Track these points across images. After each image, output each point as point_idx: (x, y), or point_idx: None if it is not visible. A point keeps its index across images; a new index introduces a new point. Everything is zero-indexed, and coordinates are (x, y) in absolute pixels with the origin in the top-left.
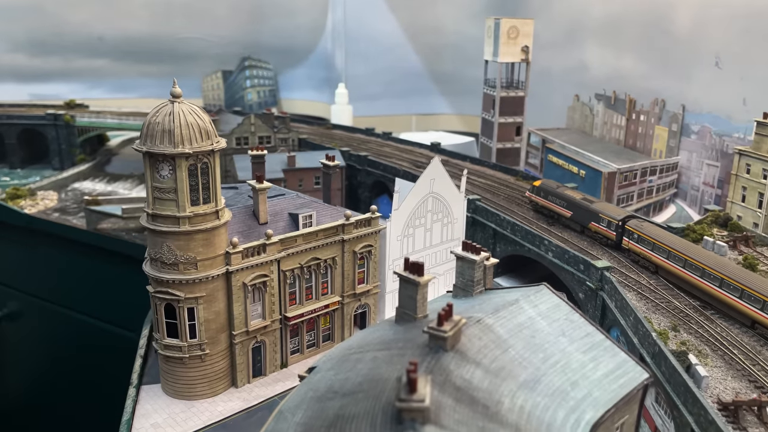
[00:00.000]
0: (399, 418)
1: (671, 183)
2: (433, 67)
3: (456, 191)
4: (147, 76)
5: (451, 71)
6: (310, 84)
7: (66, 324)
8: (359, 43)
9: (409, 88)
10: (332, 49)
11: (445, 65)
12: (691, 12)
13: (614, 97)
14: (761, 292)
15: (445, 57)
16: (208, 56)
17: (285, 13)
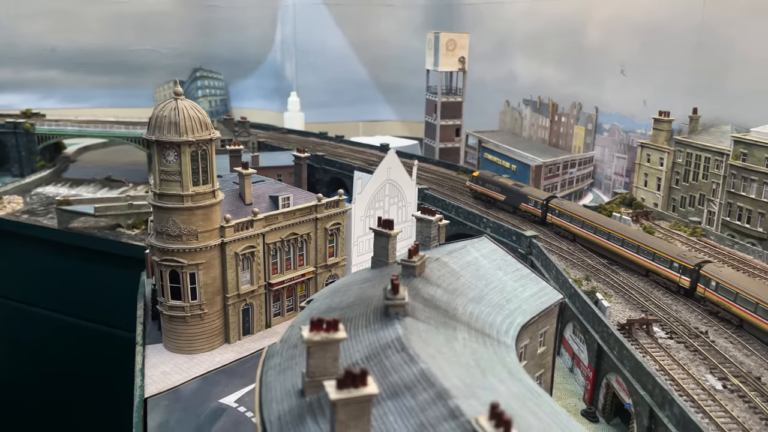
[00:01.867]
0: (386, 312)
1: (588, 174)
2: (378, 77)
3: (409, 179)
4: (99, 87)
5: (395, 81)
6: (260, 93)
7: (40, 323)
8: (309, 55)
9: (357, 97)
10: (282, 60)
11: (389, 75)
12: (600, 27)
13: (539, 102)
14: (653, 247)
15: (389, 68)
16: (160, 67)
17: (235, 27)
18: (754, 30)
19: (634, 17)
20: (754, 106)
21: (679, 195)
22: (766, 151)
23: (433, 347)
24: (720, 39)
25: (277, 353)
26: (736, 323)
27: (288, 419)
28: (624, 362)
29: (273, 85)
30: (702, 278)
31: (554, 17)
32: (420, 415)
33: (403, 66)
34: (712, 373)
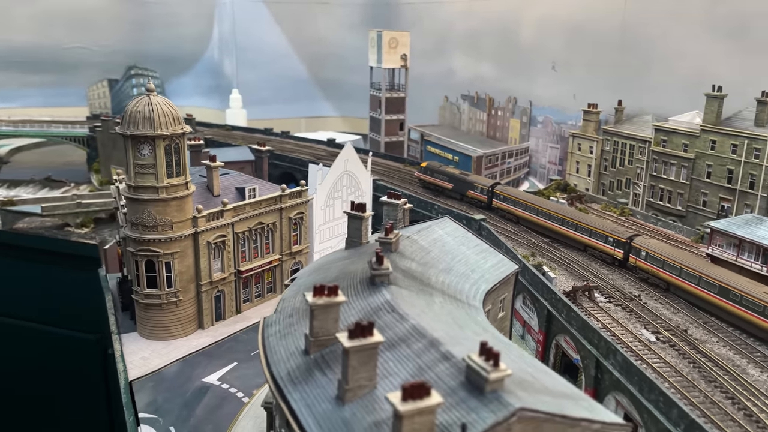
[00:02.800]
0: (372, 281)
1: (524, 164)
2: (318, 74)
3: (364, 170)
4: (29, 86)
5: (334, 78)
6: (198, 91)
7: None
8: (248, 52)
9: (298, 94)
10: (220, 58)
11: (328, 72)
12: (533, 26)
13: (476, 97)
14: (590, 225)
15: (329, 65)
16: (93, 65)
17: (170, 24)
18: (671, 29)
19: (563, 17)
20: (672, 98)
21: (607, 180)
22: (684, 137)
23: (417, 308)
24: (640, 37)
25: (274, 322)
26: (664, 287)
27: (297, 374)
28: (572, 323)
29: (211, 82)
30: (633, 249)
31: (490, 17)
32: (417, 359)
33: (342, 63)
34: (646, 328)
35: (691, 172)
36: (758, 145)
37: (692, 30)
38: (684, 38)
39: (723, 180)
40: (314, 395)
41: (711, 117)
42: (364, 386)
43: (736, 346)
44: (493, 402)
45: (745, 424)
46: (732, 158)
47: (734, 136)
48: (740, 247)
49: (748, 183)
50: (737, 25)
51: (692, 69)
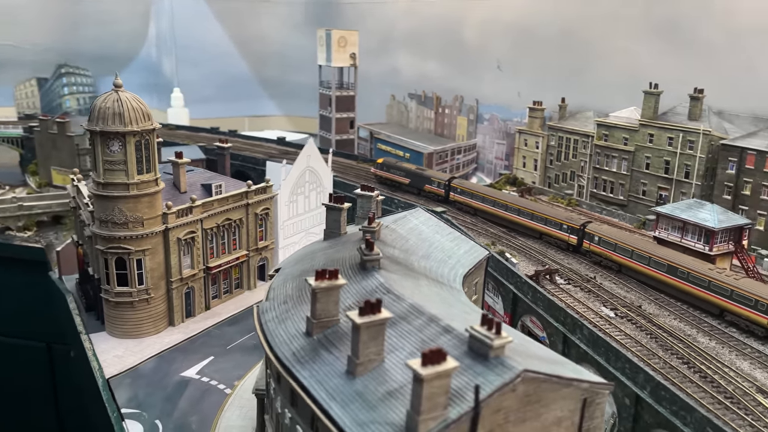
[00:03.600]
0: (364, 267)
1: (472, 159)
2: (261, 72)
3: (325, 166)
4: None
5: (278, 76)
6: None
7: None
8: (189, 50)
9: (240, 92)
10: (158, 56)
11: (272, 71)
12: (478, 27)
13: (424, 96)
14: (545, 214)
15: (272, 63)
16: (21, 64)
17: (104, 22)
18: (610, 31)
19: (508, 19)
20: (610, 95)
21: (553, 173)
22: (624, 132)
23: (409, 290)
24: (582, 38)
25: (269, 309)
26: (616, 268)
27: (302, 354)
28: (538, 303)
29: (149, 81)
30: (586, 235)
31: (433, 17)
32: (419, 334)
33: (285, 62)
34: (605, 306)
35: (631, 164)
36: (692, 137)
37: (629, 31)
38: (622, 39)
39: (661, 170)
40: (323, 372)
41: (648, 112)
42: (373, 360)
43: (686, 318)
44: (498, 366)
45: (702, 384)
46: (668, 150)
47: (670, 130)
48: (684, 229)
49: (684, 173)
50: (671, 27)
51: (629, 68)
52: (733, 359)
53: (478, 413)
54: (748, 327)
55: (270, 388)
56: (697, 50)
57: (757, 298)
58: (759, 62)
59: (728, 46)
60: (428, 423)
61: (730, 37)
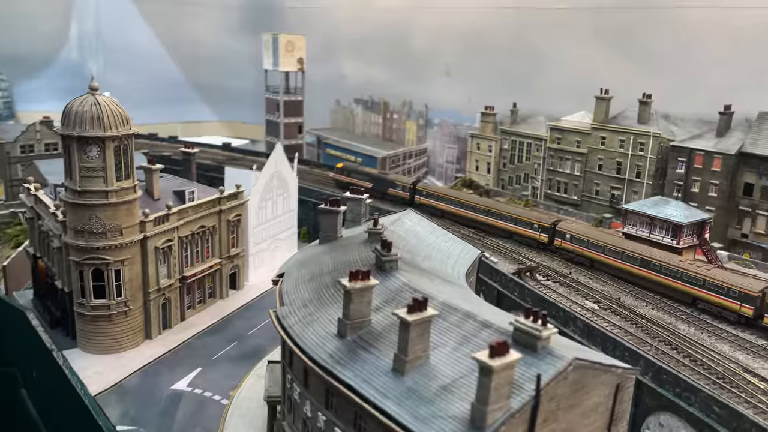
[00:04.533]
0: (382, 267)
1: (423, 163)
2: (195, 77)
3: (291, 171)
4: None
5: (213, 81)
6: (55, 95)
7: None
8: (117, 53)
9: (173, 97)
10: (82, 58)
11: (205, 75)
12: (426, 34)
13: (371, 101)
14: (515, 214)
15: (206, 68)
16: None
17: (17, 21)
18: (559, 39)
19: (457, 26)
20: (560, 100)
21: (507, 175)
22: (576, 135)
23: (433, 288)
24: (531, 45)
25: (289, 313)
26: (588, 264)
27: (340, 356)
28: (526, 299)
29: (72, 85)
30: (558, 233)
31: (380, 24)
32: (458, 330)
33: (221, 66)
34: (587, 299)
35: (584, 166)
36: (643, 139)
37: (578, 39)
38: (570, 47)
39: (613, 171)
40: (367, 371)
41: (600, 116)
42: (420, 357)
43: (663, 307)
44: (547, 356)
45: (694, 367)
46: (620, 152)
47: (621, 133)
48: (652, 225)
49: (635, 173)
50: (618, 36)
51: (578, 74)
52: (714, 343)
53: (538, 402)
54: (720, 313)
55: (291, 393)
56: (643, 57)
57: (729, 286)
58: (702, 69)
59: (673, 54)
60: (495, 413)
61: (675, 45)
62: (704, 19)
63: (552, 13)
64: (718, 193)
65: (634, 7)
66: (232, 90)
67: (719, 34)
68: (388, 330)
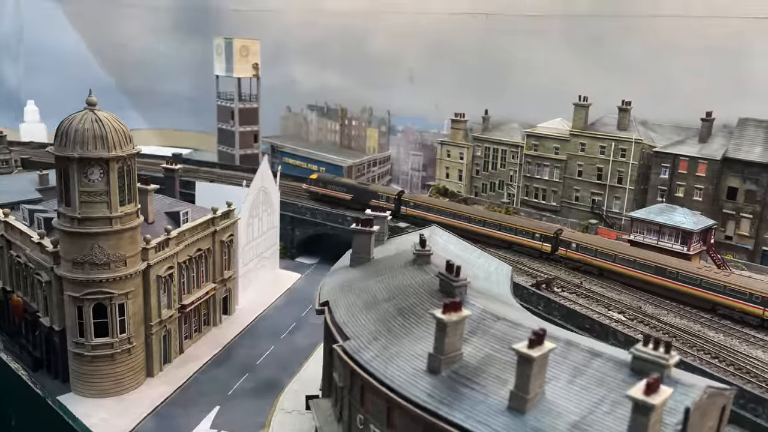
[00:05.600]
0: (450, 293)
1: (387, 171)
2: (124, 82)
3: (274, 185)
4: None
5: (145, 87)
6: None
7: None
8: (37, 56)
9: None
10: None
11: (135, 80)
12: (386, 38)
13: (326, 107)
14: (514, 224)
15: (135, 72)
16: None
17: None
18: (530, 45)
19: (421, 31)
20: (532, 107)
21: (480, 182)
22: (554, 142)
23: (506, 313)
24: (500, 52)
25: (361, 348)
26: (597, 272)
27: (440, 394)
28: (553, 313)
29: None
30: (562, 243)
31: (334, 27)
32: (566, 361)
33: (151, 70)
34: (609, 309)
35: (563, 172)
36: (624, 146)
37: (550, 46)
38: (542, 54)
39: (593, 177)
40: (479, 411)
41: (579, 123)
42: (538, 393)
43: (684, 314)
44: (678, 386)
45: (742, 375)
46: (601, 158)
47: (602, 139)
48: (660, 232)
49: (617, 178)
50: (590, 44)
51: (549, 81)
52: (748, 349)
53: None
54: (741, 318)
55: None
56: (616, 65)
57: (750, 291)
58: (676, 77)
59: (646, 62)
60: None
61: (648, 53)
62: (677, 27)
63: (522, 20)
64: (703, 198)
65: (606, 15)
66: (165, 96)
67: (692, 42)
68: (485, 363)
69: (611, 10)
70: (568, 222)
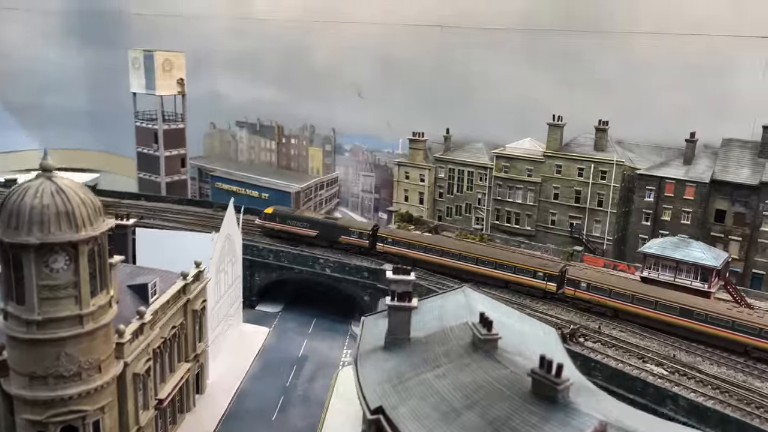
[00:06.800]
0: (553, 397)
1: (335, 194)
2: (5, 95)
3: (237, 228)
4: None
5: (29, 100)
6: None
7: None
8: None
9: None
10: None
11: (19, 94)
12: (329, 50)
13: (259, 124)
14: (513, 262)
15: (18, 85)
16: None
17: None
18: (489, 61)
19: (368, 43)
20: (496, 126)
21: (444, 206)
22: (526, 163)
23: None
24: (459, 67)
25: None
26: (611, 314)
27: None
28: (593, 373)
29: None
30: (569, 282)
31: (267, 36)
32: None
33: (37, 82)
34: (645, 361)
35: (538, 195)
36: (605, 167)
37: (513, 62)
38: (505, 70)
39: (571, 200)
40: None
41: (554, 144)
42: None
43: (723, 362)
44: None
45: None
46: (579, 180)
47: (581, 161)
48: (677, 269)
49: (597, 201)
50: (557, 60)
51: (515, 98)
52: None
53: None
54: None
55: None
56: (586, 82)
57: None
58: (652, 93)
59: (618, 79)
60: None
61: (620, 70)
62: (651, 44)
63: (481, 33)
64: (691, 221)
65: (573, 30)
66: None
67: (669, 59)
68: None
69: (578, 26)
70: (549, 249)
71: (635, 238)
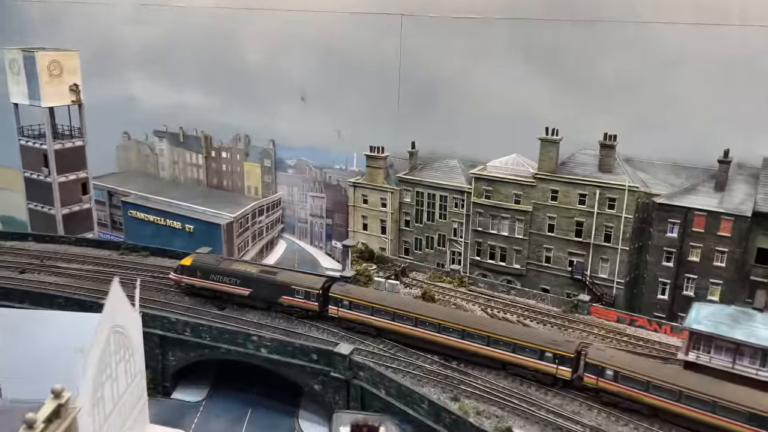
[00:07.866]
0: None
1: (278, 219)
2: None
3: (131, 311)
4: None
5: None
6: None
7: None
8: None
9: None
10: None
11: None
12: (262, 44)
13: (183, 134)
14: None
15: None
16: None
17: None
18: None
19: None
20: (472, 138)
21: (412, 237)
22: (513, 186)
23: None
24: (426, 65)
25: None
26: (648, 413)
27: None
28: None
29: None
30: (590, 367)
31: (188, 29)
32: None
33: None
34: None
35: (528, 226)
36: (613, 194)
37: (493, 59)
38: (481, 69)
39: (571, 233)
40: None
41: (548, 164)
42: None
43: None
44: None
45: None
46: (581, 209)
47: (582, 185)
48: (737, 352)
49: (603, 236)
50: (545, 57)
51: (495, 105)
52: None
53: None
54: None
55: None
56: (582, 84)
57: None
58: (669, 100)
59: (628, 80)
60: None
61: (625, 66)
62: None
63: (453, 24)
64: (727, 263)
65: (564, 20)
66: None
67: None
68: None
69: (572, 14)
70: (548, 298)
71: (654, 281)
